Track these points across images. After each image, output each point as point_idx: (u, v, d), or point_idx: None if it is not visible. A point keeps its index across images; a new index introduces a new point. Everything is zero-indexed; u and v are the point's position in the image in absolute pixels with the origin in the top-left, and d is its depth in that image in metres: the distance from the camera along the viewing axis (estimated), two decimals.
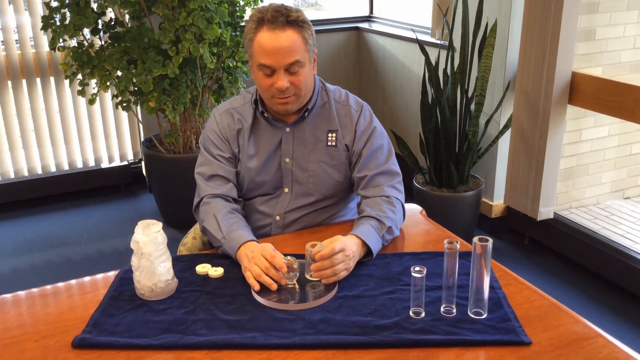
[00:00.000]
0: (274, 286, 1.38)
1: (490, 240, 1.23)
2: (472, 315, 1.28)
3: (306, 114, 1.70)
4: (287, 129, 1.71)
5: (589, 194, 3.40)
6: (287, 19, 1.55)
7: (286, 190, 1.73)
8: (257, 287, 1.38)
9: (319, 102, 1.74)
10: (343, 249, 1.43)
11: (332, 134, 1.72)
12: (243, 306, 1.33)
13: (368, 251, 1.53)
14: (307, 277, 1.43)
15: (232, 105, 1.76)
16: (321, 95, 1.75)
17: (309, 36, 1.60)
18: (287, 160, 1.71)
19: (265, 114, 1.70)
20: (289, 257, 1.41)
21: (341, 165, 1.73)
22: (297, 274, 1.42)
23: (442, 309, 1.30)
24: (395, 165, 1.73)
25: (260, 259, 1.41)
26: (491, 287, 1.35)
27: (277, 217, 1.73)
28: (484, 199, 3.38)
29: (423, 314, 1.29)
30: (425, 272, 1.25)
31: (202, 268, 1.49)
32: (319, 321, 1.27)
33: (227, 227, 1.57)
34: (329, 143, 1.72)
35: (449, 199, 3.14)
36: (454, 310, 1.30)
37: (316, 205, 1.74)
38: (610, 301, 2.74)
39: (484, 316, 1.28)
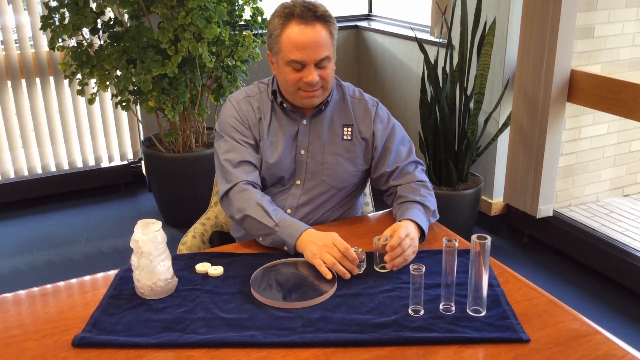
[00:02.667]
0: (347, 275, 1.42)
1: (489, 238, 1.23)
2: (471, 313, 1.29)
3: (323, 107, 1.72)
4: (304, 122, 1.72)
5: (588, 191, 3.40)
6: (315, 14, 1.59)
7: (298, 182, 1.74)
8: (329, 275, 1.41)
9: (335, 97, 1.76)
10: (407, 234, 1.49)
11: (347, 128, 1.74)
12: (242, 305, 1.34)
13: (421, 234, 1.58)
14: (377, 269, 1.47)
15: (249, 94, 1.76)
16: (337, 90, 1.77)
17: (334, 31, 1.64)
18: (302, 152, 1.72)
19: (285, 104, 1.71)
20: (356, 249, 1.46)
21: (356, 158, 1.75)
22: (365, 264, 1.47)
23: (441, 307, 1.31)
24: (416, 156, 1.80)
25: (333, 249, 1.44)
26: (490, 285, 1.36)
27: (289, 210, 1.73)
28: (483, 197, 3.38)
29: (422, 312, 1.29)
30: (424, 270, 1.25)
31: (202, 267, 1.49)
32: (318, 319, 1.27)
33: (276, 215, 1.57)
34: (345, 137, 1.74)
35: (448, 197, 3.14)
36: (453, 308, 1.30)
37: (325, 196, 1.74)
38: (609, 298, 2.74)
39: (483, 314, 1.28)
